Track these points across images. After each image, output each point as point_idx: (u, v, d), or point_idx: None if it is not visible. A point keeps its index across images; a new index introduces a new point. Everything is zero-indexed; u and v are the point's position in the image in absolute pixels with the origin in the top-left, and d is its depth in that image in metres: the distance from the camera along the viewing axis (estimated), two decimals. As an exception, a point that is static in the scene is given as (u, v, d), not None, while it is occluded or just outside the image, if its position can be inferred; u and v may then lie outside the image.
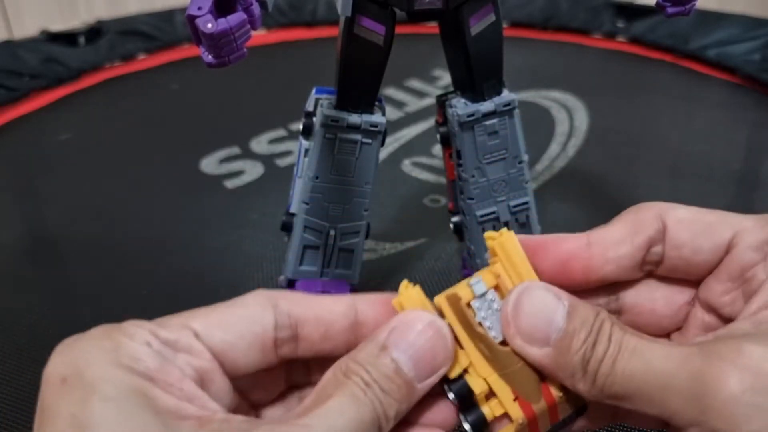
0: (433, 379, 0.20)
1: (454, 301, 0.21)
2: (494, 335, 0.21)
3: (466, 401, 0.21)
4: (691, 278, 0.23)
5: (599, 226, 0.23)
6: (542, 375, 0.21)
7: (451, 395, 0.21)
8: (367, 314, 0.21)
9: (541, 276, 0.22)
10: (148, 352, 0.18)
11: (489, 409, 0.21)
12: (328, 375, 0.19)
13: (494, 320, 0.21)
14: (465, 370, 0.21)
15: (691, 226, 0.22)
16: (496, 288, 0.21)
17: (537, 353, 0.20)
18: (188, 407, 0.18)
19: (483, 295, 0.21)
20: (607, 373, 0.19)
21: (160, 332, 0.19)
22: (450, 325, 0.21)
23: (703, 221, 0.22)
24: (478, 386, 0.21)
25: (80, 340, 0.18)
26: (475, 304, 0.21)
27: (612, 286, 0.24)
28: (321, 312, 0.21)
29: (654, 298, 0.24)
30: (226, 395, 0.20)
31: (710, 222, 0.22)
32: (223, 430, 0.17)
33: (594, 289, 0.23)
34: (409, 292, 0.21)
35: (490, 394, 0.21)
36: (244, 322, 0.20)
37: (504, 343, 0.21)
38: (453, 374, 0.21)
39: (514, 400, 0.21)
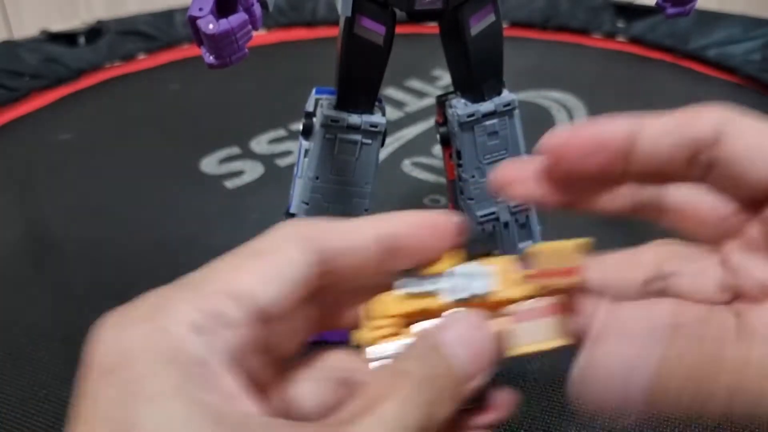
0: (477, 381, 0.19)
1: None
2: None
3: None
4: (745, 195, 0.20)
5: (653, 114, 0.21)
6: None
7: None
8: (400, 233, 0.20)
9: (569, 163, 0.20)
10: (193, 341, 0.17)
11: None
12: (376, 374, 0.18)
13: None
14: None
15: (754, 137, 0.19)
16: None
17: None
18: (229, 411, 0.17)
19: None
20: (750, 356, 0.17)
21: (203, 305, 0.17)
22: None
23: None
24: None
25: (127, 326, 0.17)
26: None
27: (659, 184, 0.22)
28: (354, 242, 0.20)
29: (699, 201, 0.21)
30: (255, 362, 0.19)
31: None
32: None
33: (637, 185, 0.21)
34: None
35: None
36: (284, 276, 0.19)
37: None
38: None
39: None
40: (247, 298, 0.18)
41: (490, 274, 0.20)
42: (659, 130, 0.20)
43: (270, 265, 0.19)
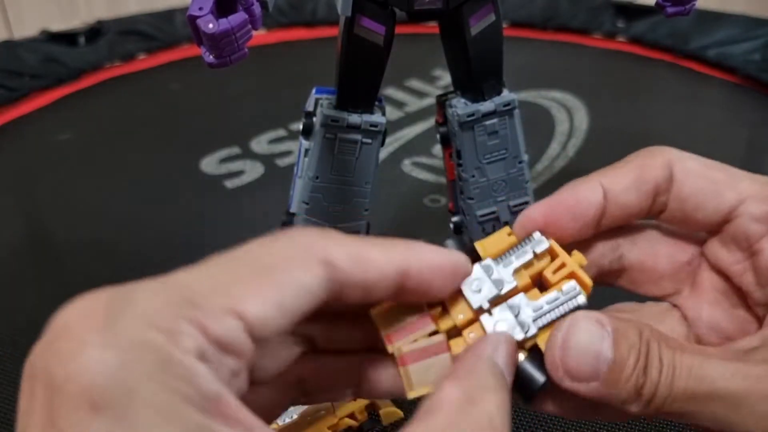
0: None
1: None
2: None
3: None
4: (691, 231, 0.23)
5: (606, 168, 0.22)
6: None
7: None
8: (414, 271, 0.19)
9: (555, 228, 0.22)
10: (205, 373, 0.14)
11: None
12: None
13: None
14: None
15: (698, 181, 0.22)
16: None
17: (585, 388, 0.19)
18: None
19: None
20: (665, 395, 0.19)
21: (209, 327, 0.15)
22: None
23: (710, 177, 0.22)
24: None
25: (122, 348, 0.14)
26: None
27: (615, 245, 0.23)
28: (372, 276, 0.18)
29: (656, 254, 0.23)
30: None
31: (717, 180, 0.22)
32: None
33: (598, 247, 0.23)
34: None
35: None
36: (296, 300, 0.17)
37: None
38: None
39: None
40: (257, 325, 0.16)
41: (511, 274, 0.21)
42: (622, 187, 0.22)
43: (281, 289, 0.16)
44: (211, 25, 0.24)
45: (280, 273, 0.16)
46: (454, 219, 0.42)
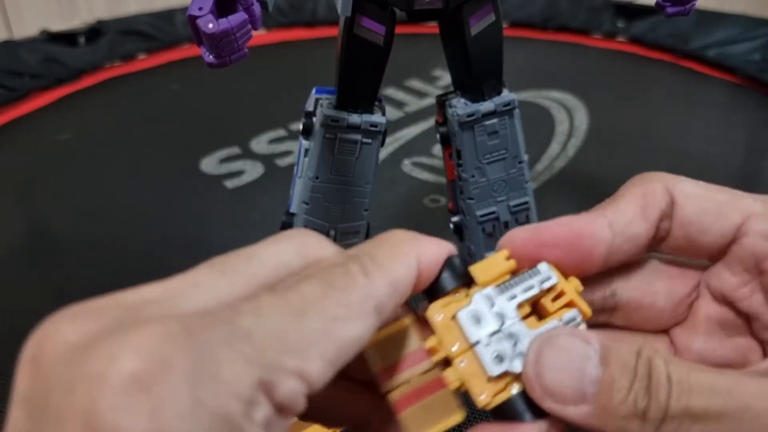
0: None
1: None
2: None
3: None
4: (694, 258, 0.22)
5: (603, 203, 0.21)
6: None
7: None
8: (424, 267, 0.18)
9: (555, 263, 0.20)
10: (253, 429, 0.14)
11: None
12: None
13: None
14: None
15: (700, 203, 0.21)
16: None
17: (575, 413, 0.17)
18: None
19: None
20: (679, 415, 0.17)
21: (275, 391, 0.14)
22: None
23: (713, 200, 0.21)
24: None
25: (196, 413, 0.13)
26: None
27: (607, 280, 0.22)
28: (403, 298, 0.18)
29: (654, 291, 0.22)
30: None
31: (719, 201, 0.21)
32: None
33: (588, 284, 0.22)
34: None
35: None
36: (349, 355, 0.16)
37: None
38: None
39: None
40: (315, 385, 0.15)
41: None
42: (628, 219, 0.21)
43: (341, 347, 0.16)
44: (211, 25, 0.24)
45: (340, 327, 0.16)
46: (454, 219, 0.42)
